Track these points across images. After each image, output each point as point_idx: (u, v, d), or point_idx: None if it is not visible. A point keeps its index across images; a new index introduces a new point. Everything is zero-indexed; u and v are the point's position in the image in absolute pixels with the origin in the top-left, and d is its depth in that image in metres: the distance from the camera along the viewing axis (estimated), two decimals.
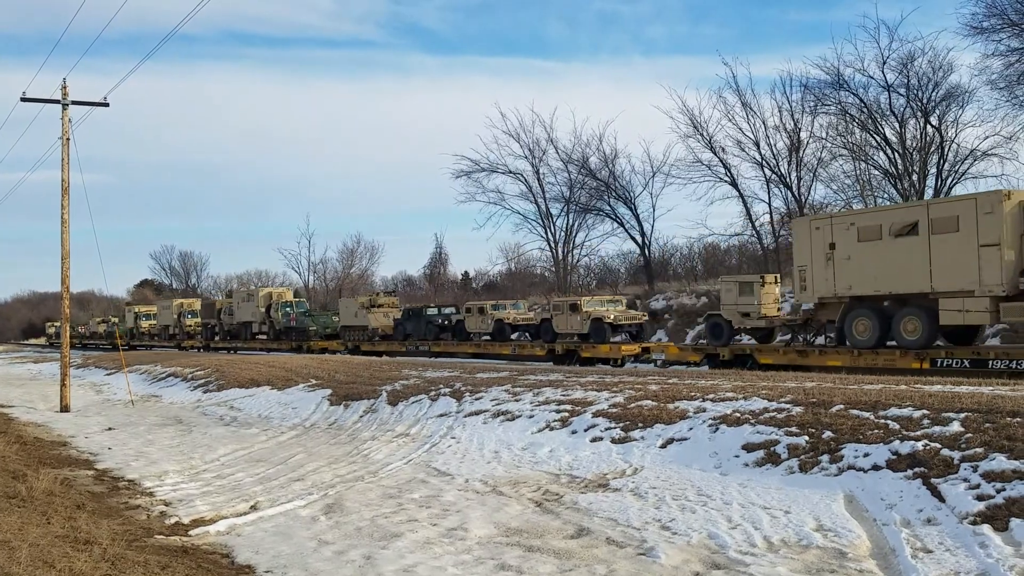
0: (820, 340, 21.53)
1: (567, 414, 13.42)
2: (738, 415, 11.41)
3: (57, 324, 77.99)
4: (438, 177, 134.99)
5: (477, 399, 15.93)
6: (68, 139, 22.60)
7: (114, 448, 14.96)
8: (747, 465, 9.93)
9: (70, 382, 23.05)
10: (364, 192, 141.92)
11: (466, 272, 78.17)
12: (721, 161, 43.15)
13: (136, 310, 73.21)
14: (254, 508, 9.70)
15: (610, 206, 50.04)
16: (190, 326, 60.83)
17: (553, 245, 53.80)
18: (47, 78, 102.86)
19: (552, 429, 12.97)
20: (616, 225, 50.41)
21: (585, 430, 12.50)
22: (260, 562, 7.54)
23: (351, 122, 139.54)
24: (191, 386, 26.65)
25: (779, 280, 24.20)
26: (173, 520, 9.24)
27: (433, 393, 17.24)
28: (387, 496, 9.97)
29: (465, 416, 14.87)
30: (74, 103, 22.90)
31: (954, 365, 17.63)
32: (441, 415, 15.43)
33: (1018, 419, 9.10)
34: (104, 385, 31.25)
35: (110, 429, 17.85)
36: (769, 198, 42.51)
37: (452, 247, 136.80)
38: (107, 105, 23.16)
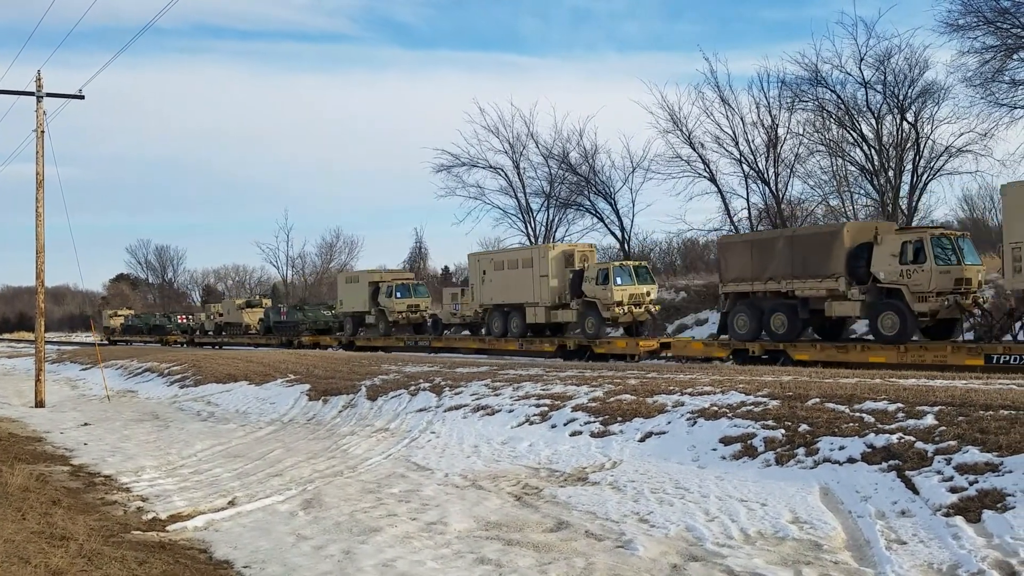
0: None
1: (547, 408, 13.45)
2: (716, 409, 11.49)
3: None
4: (418, 171, 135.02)
5: (457, 394, 15.93)
6: (43, 132, 22.31)
7: (90, 444, 14.82)
8: (724, 458, 10.01)
9: (45, 377, 22.79)
10: (343, 186, 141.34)
11: (446, 267, 78.04)
12: (700, 157, 43.28)
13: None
14: (232, 503, 9.65)
15: (590, 201, 50.08)
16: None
17: (533, 240, 53.71)
18: (20, 71, 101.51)
19: (532, 423, 13.00)
20: (596, 220, 50.45)
21: (564, 424, 12.54)
22: (238, 557, 7.51)
23: (327, 116, 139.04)
24: (167, 381, 26.45)
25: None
26: (150, 516, 9.18)
27: (413, 388, 17.21)
28: (366, 491, 9.96)
29: (445, 411, 14.87)
30: (48, 95, 22.59)
31: None
32: (421, 410, 15.41)
33: (991, 412, 9.24)
34: (79, 380, 30.93)
35: (86, 424, 17.68)
36: (747, 194, 42.71)
37: (432, 242, 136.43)
38: (82, 97, 22.88)
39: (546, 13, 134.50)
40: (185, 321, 65.55)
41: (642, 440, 11.22)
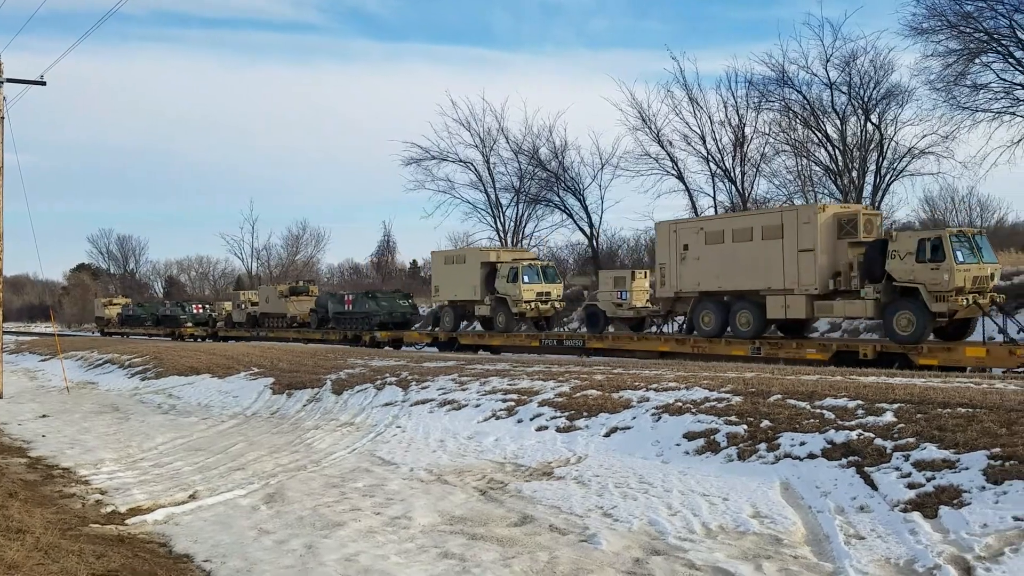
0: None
1: (513, 403, 13.46)
2: (680, 404, 11.59)
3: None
4: (386, 164, 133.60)
5: (424, 388, 15.89)
6: (2, 118, 21.84)
7: (48, 435, 14.56)
8: (688, 453, 10.09)
9: (2, 368, 22.33)
10: (310, 178, 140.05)
11: (414, 260, 77.77)
12: (668, 154, 43.66)
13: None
14: (193, 497, 9.53)
15: (559, 197, 50.26)
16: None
17: (502, 235, 53.77)
18: None
19: (498, 418, 13.01)
20: (565, 216, 50.69)
21: (531, 419, 12.56)
22: (199, 551, 7.43)
23: (294, 107, 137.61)
24: (128, 373, 26.06)
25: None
26: (109, 509, 9.04)
27: (379, 382, 17.13)
28: (330, 485, 9.89)
29: (411, 405, 14.83)
30: (9, 81, 22.11)
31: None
32: (387, 404, 15.35)
33: (948, 410, 9.42)
34: (38, 371, 30.35)
35: (44, 416, 17.36)
36: (714, 192, 43.17)
37: (400, 235, 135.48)
38: (44, 83, 22.43)
39: (516, 8, 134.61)
40: (201, 311, 56.85)
41: (607, 435, 11.28)
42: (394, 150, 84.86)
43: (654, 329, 26.47)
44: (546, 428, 12.05)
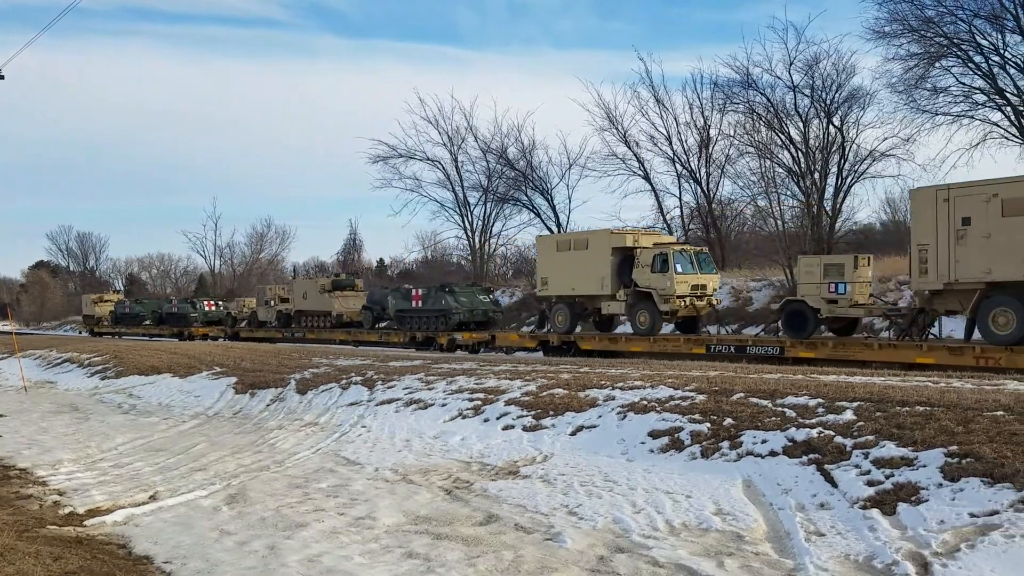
0: None
1: (480, 402, 13.45)
2: (645, 403, 11.66)
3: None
4: (353, 162, 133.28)
5: (389, 388, 15.82)
6: None
7: (5, 436, 14.25)
8: (652, 451, 10.16)
9: None
10: (274, 175, 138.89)
11: (381, 259, 77.52)
12: (635, 155, 43.97)
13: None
14: (153, 498, 9.40)
15: (527, 196, 50.36)
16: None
17: (470, 234, 53.74)
18: None
19: (464, 417, 12.99)
20: (533, 215, 50.80)
21: (497, 418, 12.56)
22: (159, 553, 7.32)
23: (258, 103, 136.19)
24: (88, 372, 25.62)
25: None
26: (67, 510, 8.88)
27: (344, 382, 17.03)
28: (293, 486, 9.81)
29: (377, 405, 14.75)
30: None
31: None
32: (352, 404, 15.25)
33: (907, 408, 9.58)
34: None
35: (1, 416, 17.00)
36: (680, 192, 43.58)
37: (367, 234, 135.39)
38: (2, 77, 22.00)
39: (482, 7, 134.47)
40: (214, 308, 51.05)
41: (573, 434, 11.32)
42: (361, 147, 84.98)
43: (888, 334, 20.59)
44: (512, 427, 12.06)
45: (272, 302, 42.01)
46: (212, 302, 52.45)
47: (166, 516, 8.59)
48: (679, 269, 23.10)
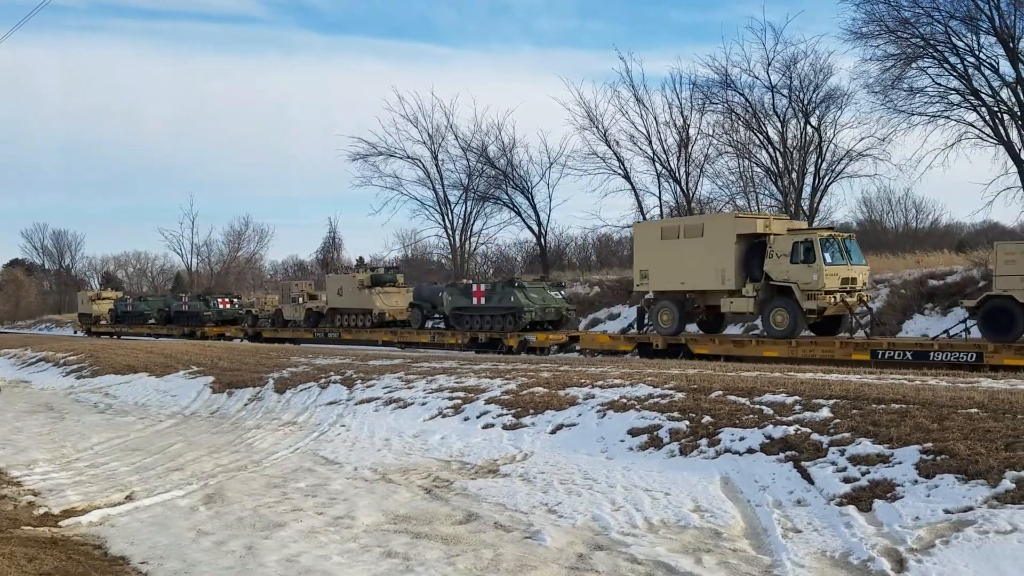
0: None
1: (460, 401, 13.44)
2: (625, 401, 11.69)
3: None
4: (332, 160, 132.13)
5: (369, 387, 15.77)
6: None
7: None
8: (632, 449, 10.20)
9: None
10: (253, 173, 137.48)
11: (361, 258, 76.98)
12: (615, 154, 44.03)
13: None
14: (129, 498, 9.31)
15: (508, 195, 50.33)
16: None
17: (451, 232, 53.65)
18: None
19: (444, 416, 12.97)
20: (513, 214, 50.77)
21: (477, 417, 12.56)
22: (135, 553, 7.25)
23: (235, 100, 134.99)
24: (63, 372, 25.34)
25: None
26: (42, 511, 8.78)
27: (323, 381, 16.95)
28: (271, 485, 9.75)
29: (356, 404, 14.70)
30: None
31: None
32: (331, 403, 15.19)
33: (882, 406, 9.67)
34: None
35: None
36: (659, 192, 43.68)
37: (346, 232, 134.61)
38: None
39: (462, 4, 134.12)
40: (229, 306, 46.59)
41: (553, 432, 11.33)
42: (340, 145, 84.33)
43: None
44: (492, 426, 12.06)
45: (301, 299, 38.24)
46: (226, 299, 47.64)
47: (142, 516, 8.52)
48: (828, 259, 19.25)
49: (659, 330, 22.12)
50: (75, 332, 57.76)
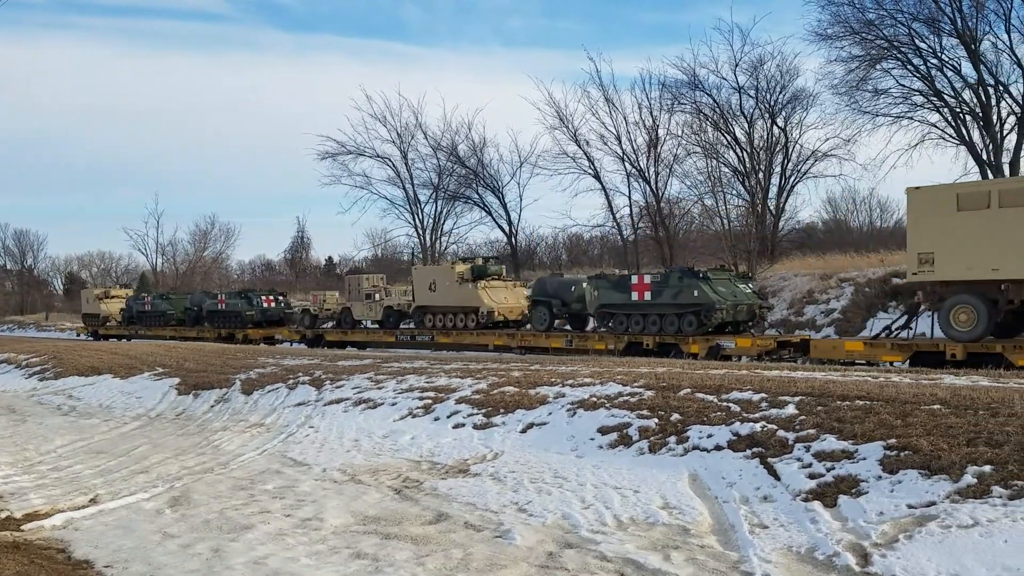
0: None
1: (430, 401, 13.41)
2: (595, 399, 11.74)
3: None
4: (300, 159, 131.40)
5: (338, 387, 15.67)
6: None
7: None
8: (602, 447, 10.24)
9: None
10: (219, 172, 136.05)
11: (330, 257, 76.73)
12: (585, 154, 44.26)
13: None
14: (94, 501, 9.17)
15: (478, 194, 50.41)
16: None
17: (421, 232, 53.55)
18: None
19: (415, 416, 12.93)
20: (484, 213, 50.85)
21: (448, 416, 12.53)
22: (99, 557, 7.15)
23: (201, 98, 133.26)
24: (26, 373, 24.88)
25: None
26: (4, 514, 8.61)
27: (291, 381, 16.81)
28: (238, 488, 9.65)
29: (325, 405, 14.60)
30: None
31: None
32: (299, 404, 15.07)
33: (847, 402, 9.81)
34: None
35: None
36: (629, 191, 43.97)
37: (315, 231, 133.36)
38: None
39: (430, 3, 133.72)
40: (273, 304, 40.09)
41: (524, 431, 11.34)
42: (309, 144, 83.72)
43: None
44: (463, 425, 12.05)
45: (377, 295, 32.80)
46: (270, 297, 40.81)
47: (107, 519, 8.39)
48: None
49: (952, 334, 16.84)
50: (78, 335, 51.94)
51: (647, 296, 22.71)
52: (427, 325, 29.96)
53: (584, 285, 25.25)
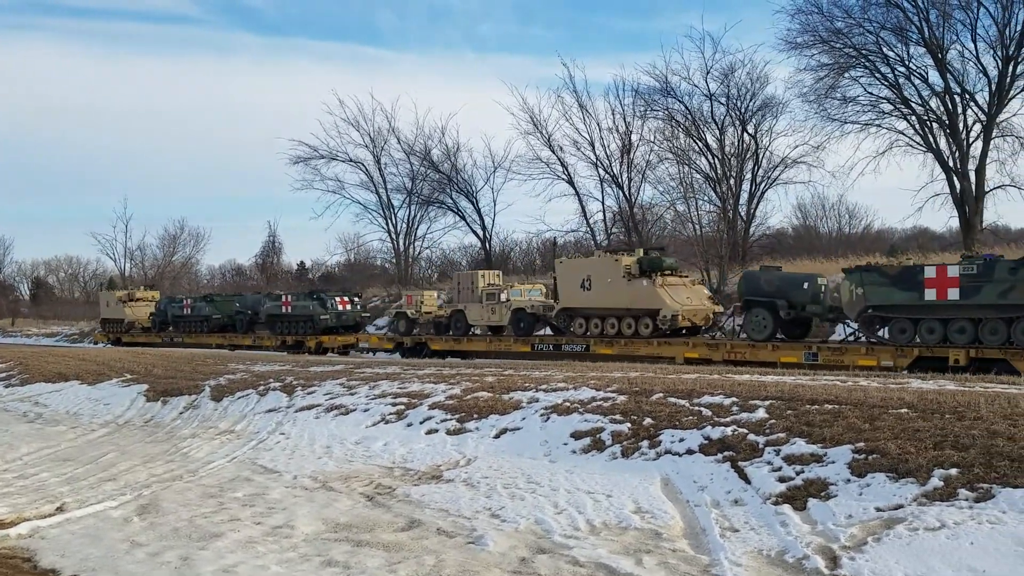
0: None
1: (403, 407, 13.35)
2: (568, 404, 11.76)
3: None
4: (272, 163, 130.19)
5: (310, 393, 15.56)
6: None
7: None
8: (575, 452, 10.26)
9: None
10: (189, 176, 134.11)
11: (302, 262, 76.06)
12: (559, 159, 44.38)
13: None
14: (60, 510, 9.02)
15: (452, 199, 50.32)
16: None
17: (394, 237, 53.38)
18: None
19: (387, 422, 12.86)
20: (458, 218, 50.79)
21: (421, 422, 12.49)
22: (66, 566, 7.04)
23: (171, 101, 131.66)
24: None
25: None
26: None
27: (262, 388, 16.67)
28: (207, 495, 9.54)
29: (296, 411, 14.48)
30: None
31: None
32: (270, 410, 14.94)
33: (816, 407, 9.91)
34: None
35: None
36: (603, 197, 44.15)
37: (287, 236, 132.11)
38: None
39: (402, 8, 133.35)
40: (349, 307, 33.53)
41: (497, 436, 11.33)
42: (280, 148, 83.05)
43: None
44: (436, 431, 12.00)
45: (496, 296, 26.96)
46: (345, 298, 33.98)
47: (74, 528, 8.26)
48: None
49: None
50: (95, 343, 46.73)
51: (952, 294, 17.25)
52: (577, 332, 24.37)
53: (840, 280, 19.81)
